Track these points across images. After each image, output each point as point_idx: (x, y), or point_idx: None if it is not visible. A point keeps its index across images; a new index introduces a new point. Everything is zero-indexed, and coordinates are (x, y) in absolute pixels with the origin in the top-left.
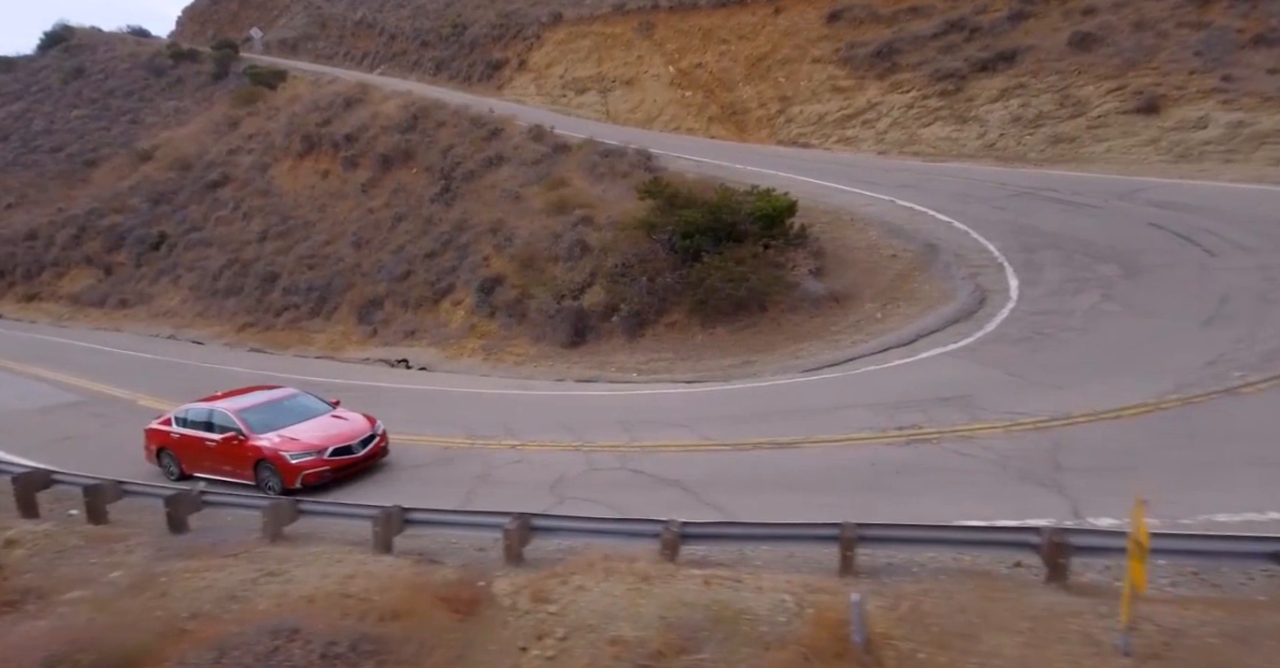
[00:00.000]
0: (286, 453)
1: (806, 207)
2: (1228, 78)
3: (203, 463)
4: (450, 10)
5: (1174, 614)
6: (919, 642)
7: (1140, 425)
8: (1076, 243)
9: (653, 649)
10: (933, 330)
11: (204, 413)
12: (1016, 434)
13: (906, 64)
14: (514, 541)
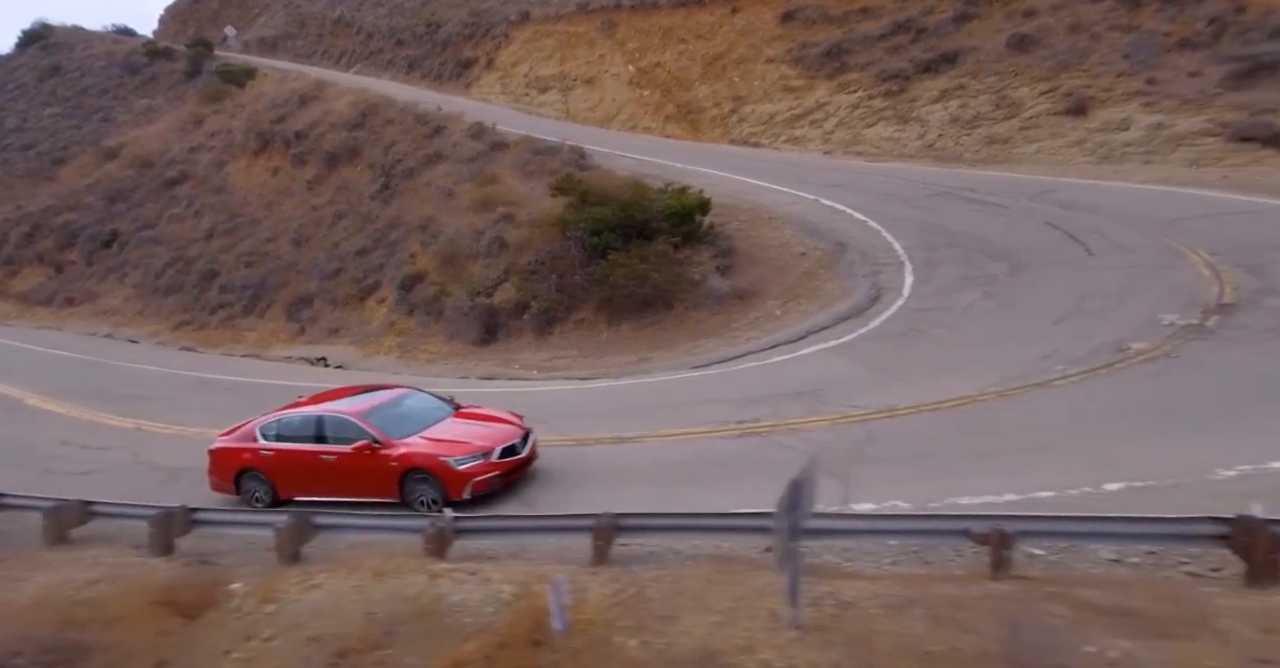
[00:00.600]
0: (450, 459)
1: (729, 205)
2: (1152, 80)
3: (314, 483)
4: (426, 9)
5: (859, 589)
6: (621, 627)
7: (952, 417)
8: (977, 242)
9: (345, 646)
10: (823, 327)
11: (308, 422)
12: (840, 427)
13: (855, 64)
14: (285, 539)
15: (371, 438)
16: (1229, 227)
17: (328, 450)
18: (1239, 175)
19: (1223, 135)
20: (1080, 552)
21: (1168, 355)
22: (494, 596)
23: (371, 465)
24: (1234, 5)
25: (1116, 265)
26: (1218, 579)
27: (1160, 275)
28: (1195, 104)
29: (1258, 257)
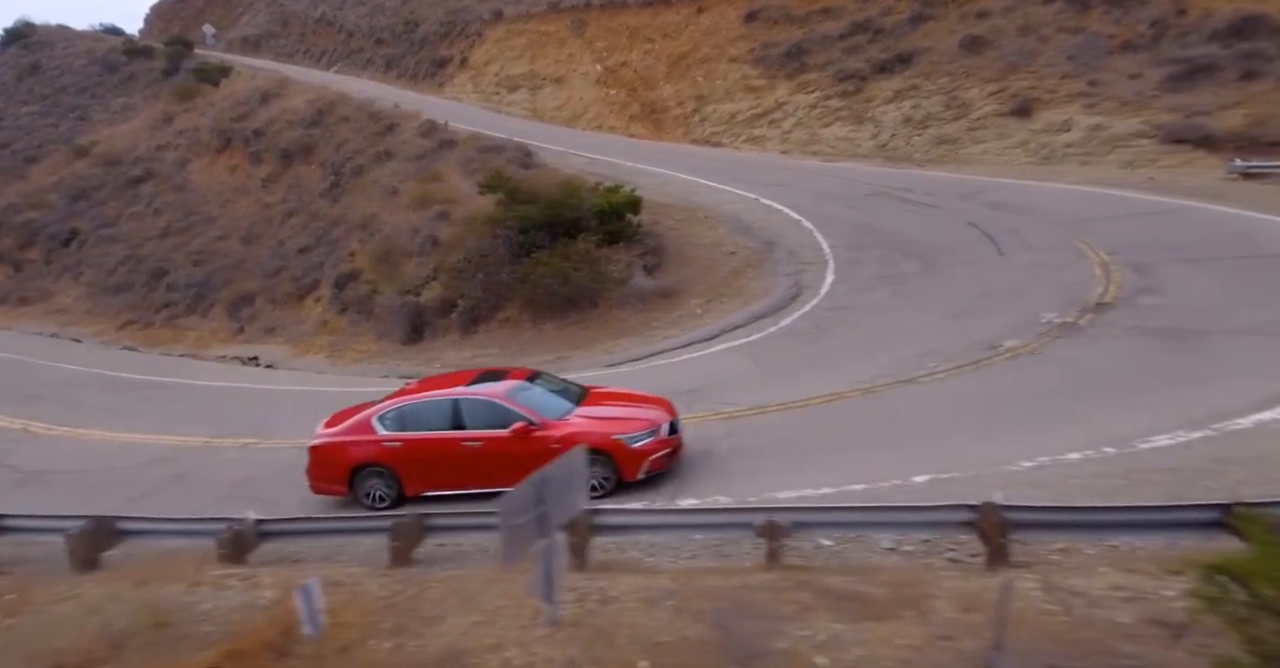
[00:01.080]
0: (624, 436)
1: (668, 204)
2: (1094, 82)
3: (450, 475)
4: (406, 8)
5: (628, 585)
6: (380, 630)
7: (814, 414)
8: (901, 241)
9: (61, 662)
10: (737, 326)
11: (441, 408)
12: (706, 425)
13: (814, 64)
14: (78, 546)
15: (527, 420)
16: (1136, 227)
17: (472, 437)
18: (1164, 177)
19: (1157, 137)
20: (865, 541)
21: (1033, 353)
22: (251, 602)
23: (528, 450)
24: (1176, 8)
25: (1021, 265)
26: (969, 564)
27: (1056, 275)
28: (1133, 106)
29: (1149, 256)
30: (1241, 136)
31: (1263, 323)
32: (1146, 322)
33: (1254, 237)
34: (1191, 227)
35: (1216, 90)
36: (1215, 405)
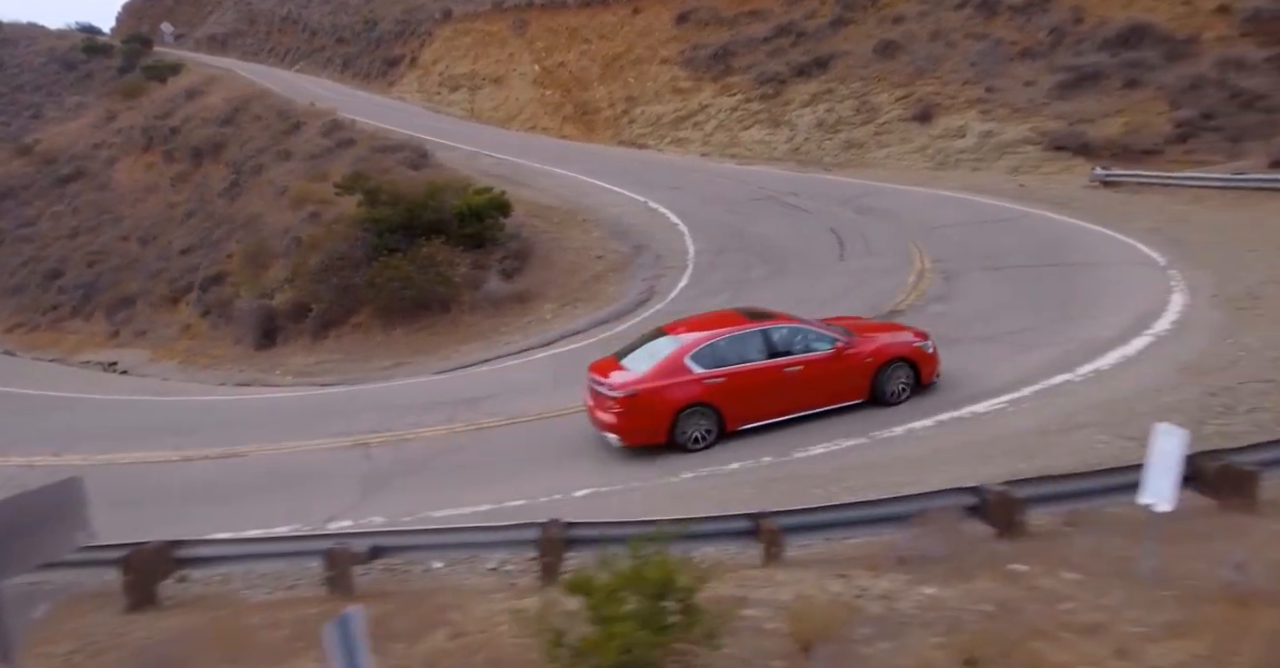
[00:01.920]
0: (923, 344)
1: (553, 206)
2: (991, 89)
3: (771, 403)
4: (367, 6)
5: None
6: None
7: (550, 426)
8: (762, 246)
9: None
10: (577, 332)
11: (751, 339)
12: (444, 438)
13: (739, 67)
14: None
15: (842, 340)
16: (972, 234)
17: (793, 362)
18: (1036, 184)
19: (1041, 144)
20: (475, 562)
21: None
22: None
23: (846, 366)
24: (1074, 16)
25: (854, 271)
26: (513, 581)
27: (876, 281)
28: (1024, 113)
29: (965, 264)
30: (1116, 144)
31: (1007, 331)
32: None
33: (1064, 245)
34: (1020, 234)
35: (1101, 98)
36: (893, 414)
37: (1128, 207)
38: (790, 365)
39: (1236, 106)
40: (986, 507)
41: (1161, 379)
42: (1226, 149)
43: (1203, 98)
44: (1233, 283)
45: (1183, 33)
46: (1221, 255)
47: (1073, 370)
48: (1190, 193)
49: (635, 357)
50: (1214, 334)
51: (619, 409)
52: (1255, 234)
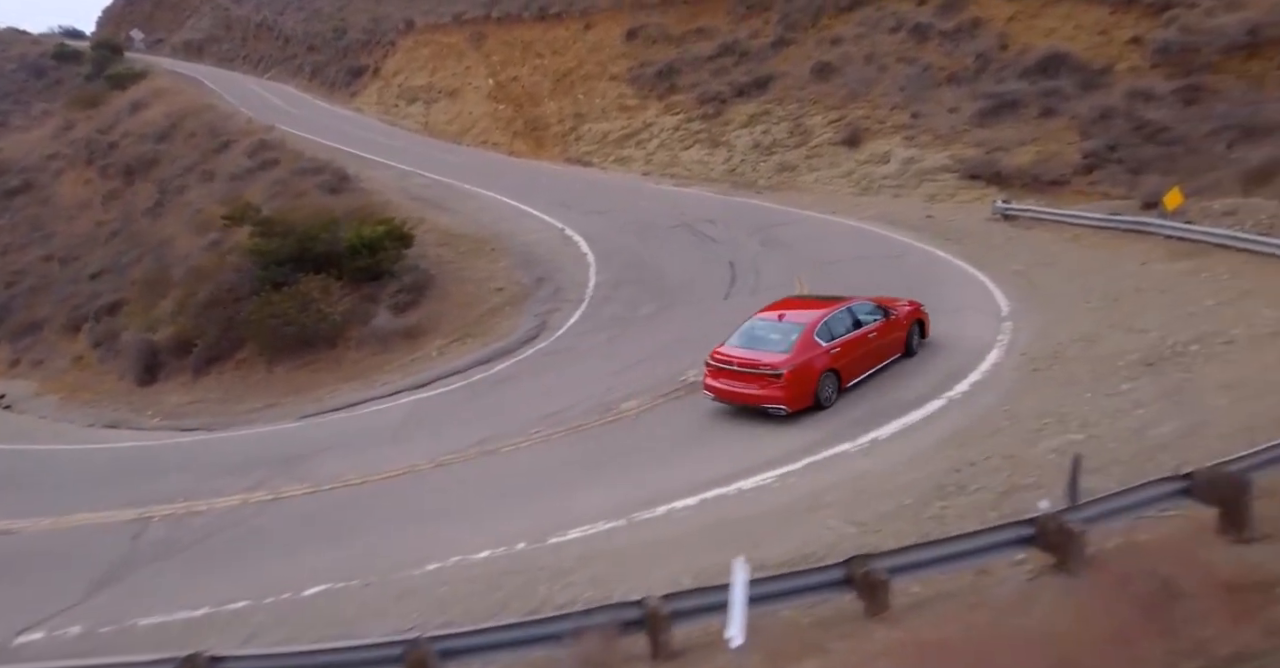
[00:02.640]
0: (924, 307)
1: (465, 233)
2: (917, 115)
3: (862, 362)
4: (339, 14)
5: None
6: None
7: (365, 491)
8: (660, 279)
9: None
10: (455, 372)
11: (846, 316)
12: (247, 507)
13: (683, 85)
14: None
15: (891, 311)
16: (859, 272)
17: (871, 329)
18: (947, 214)
19: (958, 172)
20: None
21: (636, 415)
22: None
23: (895, 328)
24: (999, 42)
25: (733, 309)
26: None
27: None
28: (945, 139)
29: None
30: (1027, 174)
31: None
32: None
33: (930, 287)
34: (898, 273)
35: (1018, 126)
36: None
37: (1012, 244)
38: (870, 332)
39: (1141, 138)
40: (645, 622)
41: (922, 452)
42: (1127, 182)
43: (1110, 128)
44: (1047, 338)
45: (1098, 62)
46: (1060, 305)
47: (853, 439)
48: (1072, 231)
49: (750, 340)
50: (998, 399)
51: (784, 383)
52: (1101, 280)
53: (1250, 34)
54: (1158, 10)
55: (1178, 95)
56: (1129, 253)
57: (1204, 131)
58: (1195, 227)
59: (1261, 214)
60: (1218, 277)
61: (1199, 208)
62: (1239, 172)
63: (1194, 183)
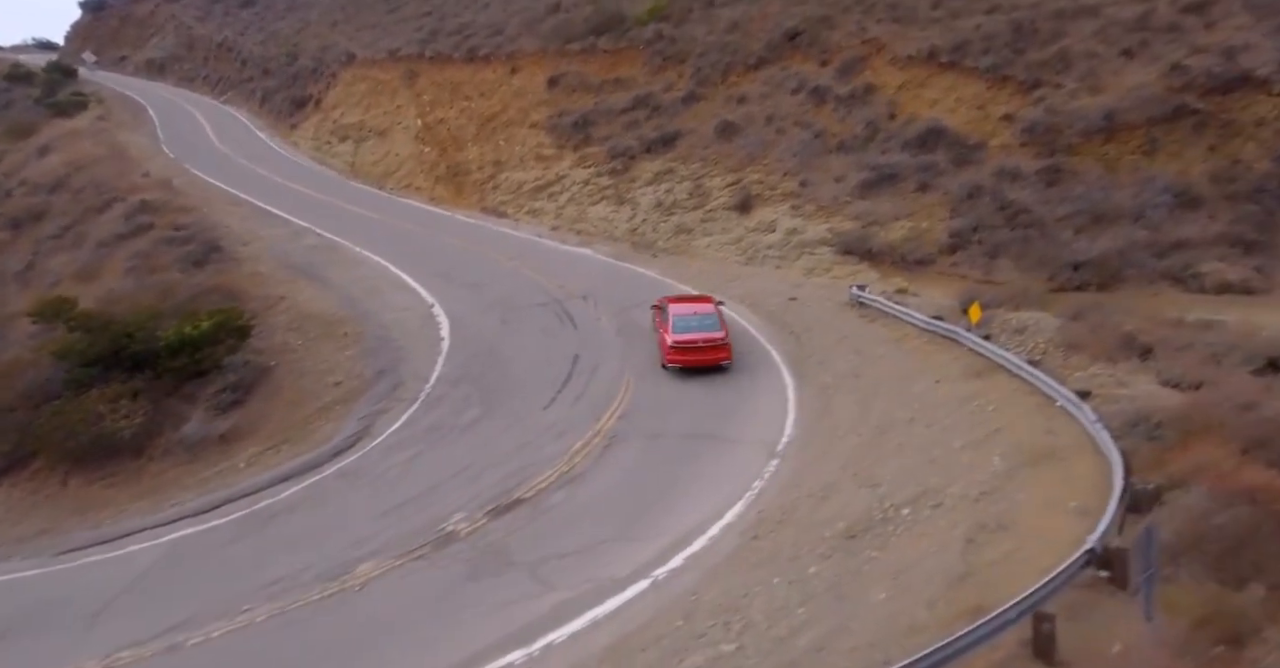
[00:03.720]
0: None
1: (321, 313)
2: (805, 183)
3: None
4: (295, 37)
5: None
6: None
7: None
8: (499, 376)
9: None
10: (247, 493)
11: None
12: None
13: (597, 137)
14: None
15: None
16: (700, 374)
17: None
18: (810, 294)
19: (835, 246)
20: None
21: (360, 587)
22: None
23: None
24: (889, 110)
25: (546, 423)
26: None
27: (549, 444)
28: (828, 211)
29: (640, 424)
30: (896, 252)
31: (578, 547)
32: (512, 539)
33: (736, 410)
34: (717, 387)
35: (895, 200)
36: None
37: (845, 344)
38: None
39: (1002, 219)
40: None
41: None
42: (983, 265)
43: (977, 207)
44: (792, 490)
45: (974, 137)
46: (835, 436)
47: (557, 626)
48: (903, 329)
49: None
50: (694, 583)
51: (727, 346)
52: (888, 404)
53: (1107, 119)
54: (1029, 88)
55: (1041, 176)
56: (935, 364)
57: (1059, 215)
58: (987, 345)
59: (1042, 336)
60: (984, 407)
61: (1000, 321)
62: (1063, 273)
63: (1024, 278)
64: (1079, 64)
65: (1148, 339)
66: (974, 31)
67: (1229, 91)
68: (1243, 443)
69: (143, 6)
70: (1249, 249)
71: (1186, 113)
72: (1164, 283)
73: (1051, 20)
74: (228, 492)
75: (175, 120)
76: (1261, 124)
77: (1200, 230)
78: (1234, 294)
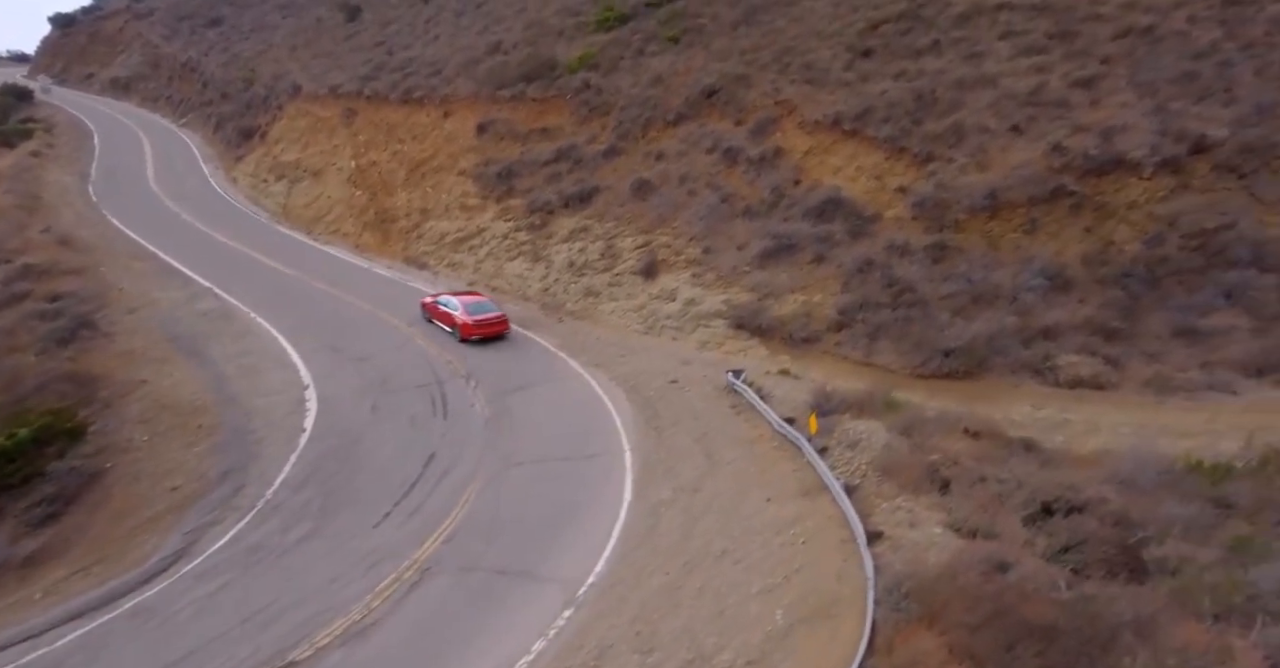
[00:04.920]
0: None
1: (177, 402)
2: (708, 249)
3: None
4: (255, 60)
5: None
6: None
7: None
8: (350, 477)
9: None
10: (16, 641)
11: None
12: None
13: (520, 189)
14: None
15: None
16: (532, 490)
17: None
18: (691, 376)
19: (729, 319)
20: None
21: None
22: None
23: None
24: (794, 176)
25: (370, 544)
26: None
27: (356, 581)
28: (726, 281)
29: (459, 554)
30: (785, 328)
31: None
32: None
33: (558, 539)
34: (562, 501)
35: (792, 271)
36: None
37: (700, 445)
38: None
39: (889, 296)
40: None
41: None
42: (864, 347)
43: (867, 282)
44: (555, 664)
45: (870, 208)
46: (642, 578)
47: None
48: (759, 430)
49: (482, 308)
50: None
51: (504, 322)
52: (711, 527)
53: (990, 197)
54: (923, 161)
55: (928, 252)
56: (775, 477)
57: (943, 293)
58: (818, 462)
59: (866, 456)
60: (798, 538)
61: (840, 431)
62: (934, 359)
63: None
64: (971, 138)
65: (947, 473)
66: (879, 97)
67: (1104, 174)
68: (966, 630)
69: (111, 23)
70: (1110, 337)
71: (1064, 194)
72: (1025, 373)
73: (952, 89)
74: (5, 635)
75: (118, 151)
76: (1133, 207)
77: (1070, 315)
78: (1086, 389)
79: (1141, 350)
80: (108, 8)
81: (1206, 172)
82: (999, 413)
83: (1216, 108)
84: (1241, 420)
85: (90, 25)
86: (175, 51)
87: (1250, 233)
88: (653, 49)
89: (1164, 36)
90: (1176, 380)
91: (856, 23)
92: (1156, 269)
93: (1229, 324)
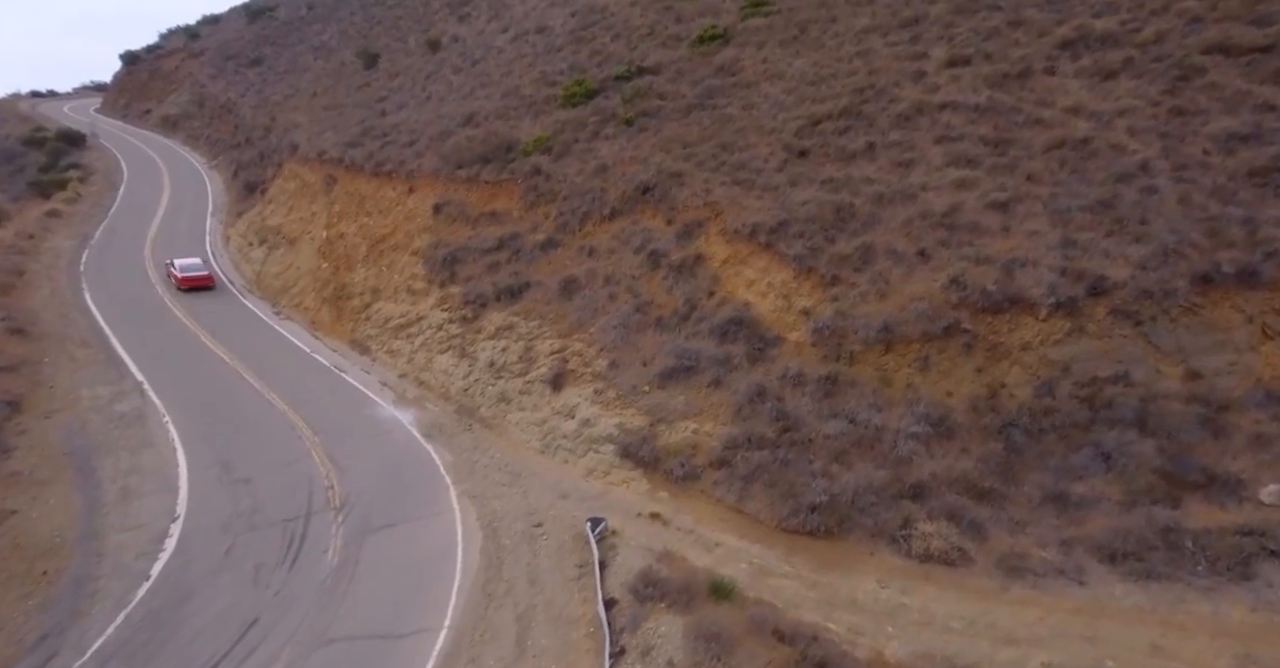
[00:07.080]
0: None
1: (34, 541)
2: (615, 363)
3: None
4: (277, 107)
5: None
6: None
7: None
8: (167, 645)
9: None
10: None
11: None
12: None
13: (461, 276)
14: None
15: None
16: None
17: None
18: (563, 515)
19: (618, 446)
20: None
21: None
22: None
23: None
24: (709, 287)
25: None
26: None
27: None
28: (624, 400)
29: None
30: (669, 462)
31: None
32: None
33: None
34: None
35: (689, 394)
36: None
37: (517, 625)
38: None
39: (774, 432)
40: None
41: None
42: (738, 490)
43: (756, 413)
44: None
45: (774, 330)
46: None
47: None
48: (584, 607)
49: (193, 268)
50: None
51: (211, 278)
52: None
53: (885, 330)
54: (829, 283)
55: (821, 384)
56: None
57: (826, 433)
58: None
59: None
60: None
61: (643, 630)
62: (800, 513)
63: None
64: (878, 261)
65: None
66: (800, 208)
67: (999, 311)
68: None
69: (169, 61)
70: (981, 498)
71: (959, 331)
72: (883, 540)
73: (872, 203)
74: None
75: (134, 205)
76: (1027, 348)
77: (947, 468)
78: (936, 564)
79: (1009, 517)
80: (168, 46)
81: (1103, 316)
82: (845, 587)
83: (1126, 244)
84: (1069, 623)
85: (152, 63)
86: (218, 91)
87: (1142, 383)
88: (608, 131)
89: (1098, 150)
90: (1031, 560)
91: (799, 118)
92: (1042, 421)
93: (1099, 493)
